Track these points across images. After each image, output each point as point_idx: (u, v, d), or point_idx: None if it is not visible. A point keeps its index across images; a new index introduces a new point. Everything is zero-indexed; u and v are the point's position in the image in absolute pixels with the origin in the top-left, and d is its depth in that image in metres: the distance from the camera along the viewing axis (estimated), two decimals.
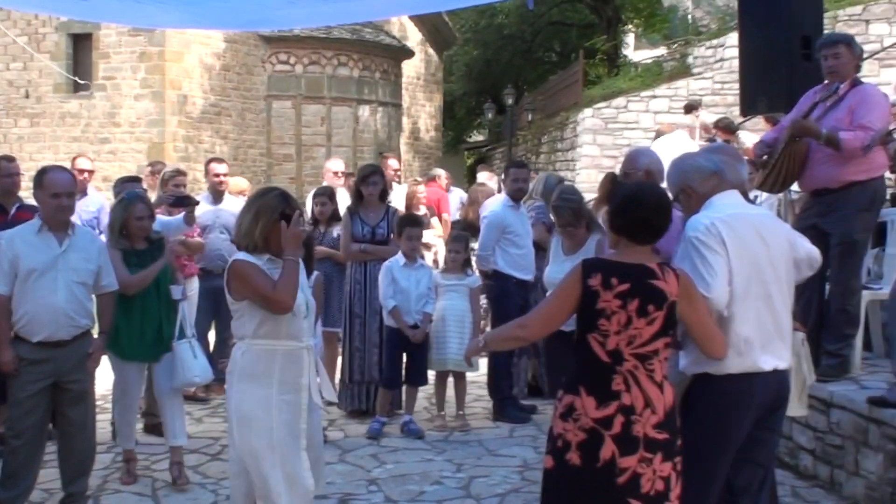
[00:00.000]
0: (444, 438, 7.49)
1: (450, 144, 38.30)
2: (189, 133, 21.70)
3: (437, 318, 7.73)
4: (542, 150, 23.54)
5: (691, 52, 19.62)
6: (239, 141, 23.03)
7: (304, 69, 23.63)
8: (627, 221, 3.83)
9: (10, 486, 5.53)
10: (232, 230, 8.60)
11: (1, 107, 22.51)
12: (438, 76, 32.53)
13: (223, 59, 22.39)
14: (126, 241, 6.31)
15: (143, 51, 21.08)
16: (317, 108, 23.85)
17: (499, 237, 8.01)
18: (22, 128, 22.31)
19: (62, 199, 5.54)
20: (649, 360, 3.71)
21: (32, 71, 22.06)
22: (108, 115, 21.42)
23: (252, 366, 4.39)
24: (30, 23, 21.71)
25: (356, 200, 8.18)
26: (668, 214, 3.89)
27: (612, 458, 3.65)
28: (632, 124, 19.01)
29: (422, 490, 6.23)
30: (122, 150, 21.08)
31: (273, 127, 23.78)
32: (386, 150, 25.34)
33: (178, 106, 21.40)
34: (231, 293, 4.44)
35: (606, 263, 3.81)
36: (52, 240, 5.53)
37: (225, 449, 7.05)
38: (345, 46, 23.81)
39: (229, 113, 22.75)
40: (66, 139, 21.70)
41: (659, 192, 4.06)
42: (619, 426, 3.66)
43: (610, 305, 3.67)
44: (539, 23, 34.48)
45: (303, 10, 7.01)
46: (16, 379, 5.50)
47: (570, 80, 22.98)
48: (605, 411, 3.67)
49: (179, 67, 21.36)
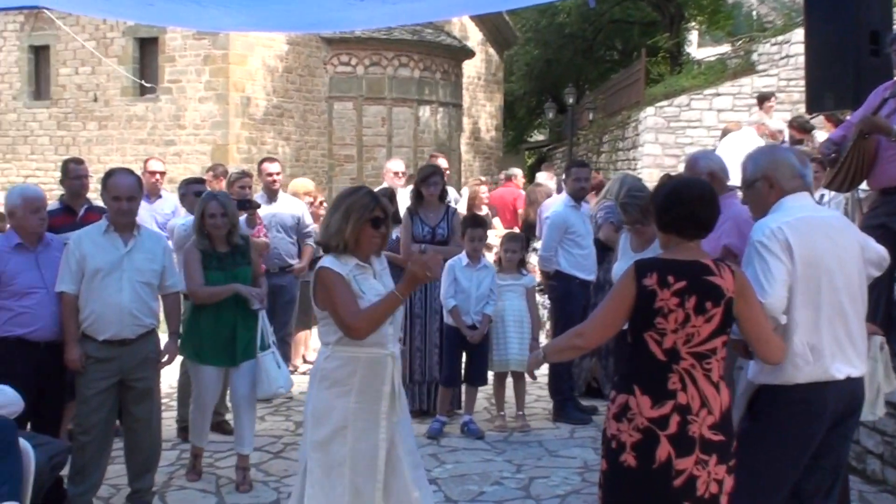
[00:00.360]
0: (504, 439, 7.48)
1: (510, 144, 38.22)
2: (252, 135, 21.88)
3: (497, 318, 7.71)
4: (602, 150, 23.39)
5: (756, 49, 19.37)
6: (301, 142, 23.18)
7: (366, 70, 23.71)
8: (673, 217, 3.77)
9: (79, 482, 5.63)
10: (288, 229, 8.73)
11: (70, 110, 22.92)
12: (499, 76, 32.46)
13: (285, 61, 22.56)
14: (208, 242, 6.27)
15: (207, 54, 21.30)
16: (378, 109, 23.92)
17: (561, 238, 7.97)
18: (90, 131, 22.69)
19: (122, 203, 5.63)
20: (707, 358, 3.65)
21: (100, 75, 22.41)
22: (174, 117, 21.70)
23: (334, 372, 4.29)
24: (98, 27, 22.06)
25: (416, 201, 8.18)
26: (715, 206, 3.80)
27: (668, 460, 3.59)
28: (694, 123, 18.81)
29: (482, 490, 6.22)
30: (186, 153, 21.34)
31: (334, 128, 23.89)
32: (446, 150, 25.35)
33: (241, 108, 21.59)
34: (316, 301, 4.33)
35: (661, 262, 3.75)
36: (118, 240, 5.64)
37: (287, 448, 7.13)
38: (405, 47, 23.85)
39: (291, 114, 22.90)
40: (132, 142, 22.02)
41: (702, 184, 3.97)
42: (675, 426, 3.60)
43: (667, 304, 3.61)
44: (600, 21, 34.28)
45: (364, 12, 7.03)
46: (83, 376, 5.62)
47: (631, 78, 22.80)
48: (660, 410, 3.61)
49: (243, 70, 21.56)
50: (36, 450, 4.22)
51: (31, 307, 5.61)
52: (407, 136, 24.20)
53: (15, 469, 3.86)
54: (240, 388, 6.30)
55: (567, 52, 35.44)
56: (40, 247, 5.77)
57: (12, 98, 23.67)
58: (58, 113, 23.11)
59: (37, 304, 5.63)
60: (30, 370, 5.50)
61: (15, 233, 5.77)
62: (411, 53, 24.01)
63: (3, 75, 23.74)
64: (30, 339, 5.61)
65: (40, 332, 5.63)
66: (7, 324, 5.61)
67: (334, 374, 4.28)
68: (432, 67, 24.64)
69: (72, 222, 6.85)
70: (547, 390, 8.25)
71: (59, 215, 6.94)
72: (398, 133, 24.08)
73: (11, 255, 5.67)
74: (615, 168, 20.92)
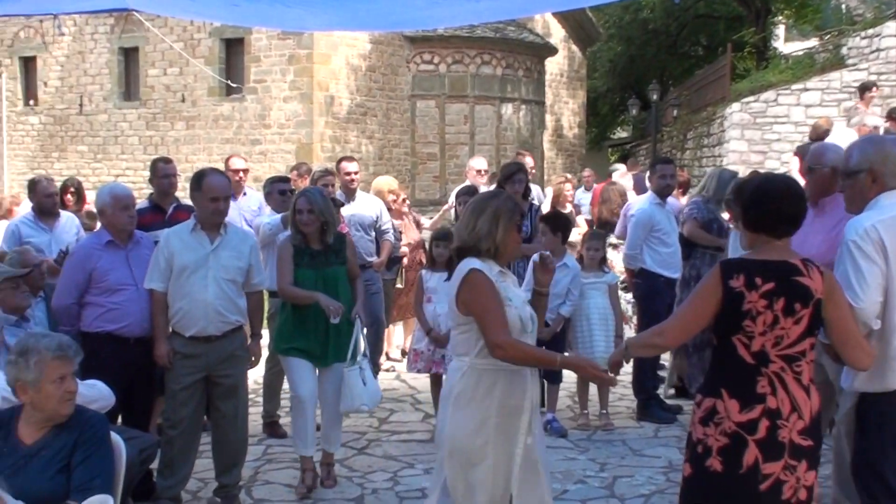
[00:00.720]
0: (588, 437, 7.41)
1: (593, 141, 37.97)
2: (336, 133, 22.07)
3: (582, 316, 7.63)
4: (687, 146, 23.07)
5: (845, 43, 18.91)
6: (384, 140, 23.32)
7: (448, 68, 23.75)
8: (760, 215, 3.65)
9: (168, 475, 5.73)
10: (367, 227, 8.73)
11: (159, 110, 23.38)
12: (582, 73, 32.25)
13: (369, 60, 22.70)
14: (301, 238, 6.19)
15: (291, 54, 21.54)
16: (460, 107, 23.95)
17: (646, 236, 7.87)
18: (178, 130, 23.12)
19: (220, 203, 5.70)
20: (797, 361, 3.55)
21: (188, 76, 22.83)
22: (259, 116, 22.00)
23: (472, 389, 4.05)
24: (185, 29, 22.47)
25: None
26: (802, 201, 3.69)
27: (756, 464, 3.51)
28: (781, 118, 18.42)
29: (565, 489, 6.17)
30: (272, 151, 21.61)
31: (417, 126, 23.99)
32: (529, 147, 25.28)
33: (325, 107, 21.79)
34: (458, 304, 4.08)
35: (748, 263, 3.64)
36: (205, 238, 5.71)
37: (371, 444, 7.17)
38: (488, 45, 23.84)
39: (375, 113, 23.05)
40: (219, 141, 22.39)
41: (787, 179, 3.88)
42: (765, 431, 3.51)
43: (756, 306, 3.52)
44: (685, 17, 33.88)
45: (448, 9, 7.00)
46: (171, 372, 5.71)
47: (716, 74, 22.45)
48: (749, 415, 3.53)
49: (327, 69, 21.75)
50: (126, 443, 4.29)
51: (121, 304, 5.71)
52: (489, 133, 24.18)
53: (106, 462, 3.93)
54: (328, 388, 6.22)
55: (651, 48, 35.12)
56: (130, 244, 5.87)
57: (103, 99, 24.24)
58: (147, 113, 23.59)
59: (127, 300, 5.72)
60: (120, 366, 5.58)
61: (106, 230, 5.88)
62: (494, 51, 24.00)
63: (94, 77, 24.32)
64: (120, 335, 5.70)
65: (130, 328, 5.72)
66: (98, 320, 5.71)
67: (473, 392, 4.05)
68: (515, 65, 24.58)
69: (161, 220, 6.96)
70: (631, 389, 8.16)
71: (148, 213, 7.05)
72: (480, 131, 24.09)
73: (103, 252, 5.77)
74: (700, 165, 20.61)
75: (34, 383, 3.83)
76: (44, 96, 25.09)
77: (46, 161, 24.85)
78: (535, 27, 26.86)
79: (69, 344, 4.01)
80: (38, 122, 25.24)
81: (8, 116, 25.52)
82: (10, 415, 3.93)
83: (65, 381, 3.88)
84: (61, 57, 24.68)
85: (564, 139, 30.92)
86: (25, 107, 25.45)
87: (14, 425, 3.89)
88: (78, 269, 5.78)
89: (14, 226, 8.12)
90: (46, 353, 3.85)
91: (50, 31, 23.89)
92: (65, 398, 3.88)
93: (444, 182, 23.14)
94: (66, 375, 3.88)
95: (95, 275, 5.72)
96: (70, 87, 24.65)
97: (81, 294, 5.76)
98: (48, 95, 25.03)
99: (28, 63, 25.43)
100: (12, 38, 25.23)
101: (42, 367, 3.83)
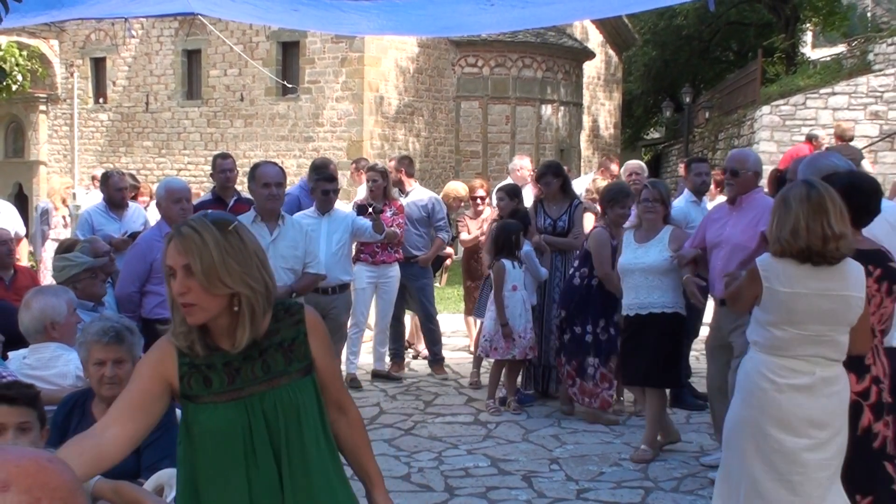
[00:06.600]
0: (622, 422, 7.36)
1: (628, 141, 37.72)
2: (385, 132, 22.13)
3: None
4: (718, 147, 22.84)
5: (872, 49, 18.64)
6: (430, 139, 23.34)
7: (491, 71, 23.71)
8: (854, 208, 3.72)
9: None
10: (415, 221, 8.67)
11: (219, 109, 23.53)
12: (618, 76, 32.06)
13: (416, 63, 22.71)
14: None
15: (344, 56, 21.60)
16: (502, 108, 23.91)
17: None
18: (237, 128, 23.25)
19: (272, 189, 5.75)
20: (886, 334, 3.88)
21: (247, 76, 22.94)
22: (313, 115, 22.07)
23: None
24: (245, 32, 22.57)
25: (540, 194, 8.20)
26: (881, 197, 3.94)
27: (869, 426, 3.77)
28: (810, 121, 18.16)
29: (601, 471, 6.14)
30: (324, 148, 21.68)
31: (461, 125, 23.99)
32: (567, 147, 25.18)
33: (374, 106, 21.84)
34: None
35: (859, 253, 3.74)
36: (264, 229, 5.74)
37: (417, 425, 7.17)
38: (529, 49, 23.77)
39: (421, 113, 23.07)
40: (275, 138, 22.50)
41: (870, 176, 4.13)
42: (875, 395, 3.78)
43: (870, 290, 3.70)
44: (717, 23, 33.54)
45: (494, 16, 6.98)
46: None
47: (747, 78, 22.21)
48: (863, 385, 3.77)
49: (377, 71, 21.79)
50: None
51: None
52: (529, 133, 24.14)
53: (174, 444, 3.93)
54: None
55: (684, 53, 34.82)
56: None
57: (167, 98, 24.43)
58: (208, 111, 23.75)
59: None
60: None
61: (165, 222, 5.92)
62: (535, 55, 23.94)
63: (160, 77, 24.51)
64: None
65: None
66: (157, 307, 5.73)
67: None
68: (554, 68, 24.49)
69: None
70: None
71: (210, 205, 7.12)
72: (521, 130, 24.05)
73: (162, 243, 5.79)
74: None
75: (84, 364, 3.83)
76: (112, 95, 25.33)
77: (114, 155, 25.10)
78: (574, 32, 26.73)
79: (116, 330, 3.81)
80: (107, 119, 25.49)
81: (79, 113, 25.80)
82: (87, 395, 3.93)
83: (104, 365, 3.72)
84: (129, 58, 24.90)
85: (601, 139, 30.75)
86: (95, 104, 25.70)
87: (89, 405, 3.90)
88: (140, 260, 5.83)
89: (87, 214, 8.23)
90: (91, 336, 3.77)
91: (119, 34, 24.16)
92: (103, 381, 3.73)
93: (486, 179, 23.07)
94: (106, 361, 3.72)
95: (156, 265, 5.72)
96: (137, 86, 24.86)
97: (143, 283, 5.80)
98: (116, 94, 25.26)
99: (98, 63, 25.67)
100: (84, 41, 25.49)
101: (87, 349, 3.76)
